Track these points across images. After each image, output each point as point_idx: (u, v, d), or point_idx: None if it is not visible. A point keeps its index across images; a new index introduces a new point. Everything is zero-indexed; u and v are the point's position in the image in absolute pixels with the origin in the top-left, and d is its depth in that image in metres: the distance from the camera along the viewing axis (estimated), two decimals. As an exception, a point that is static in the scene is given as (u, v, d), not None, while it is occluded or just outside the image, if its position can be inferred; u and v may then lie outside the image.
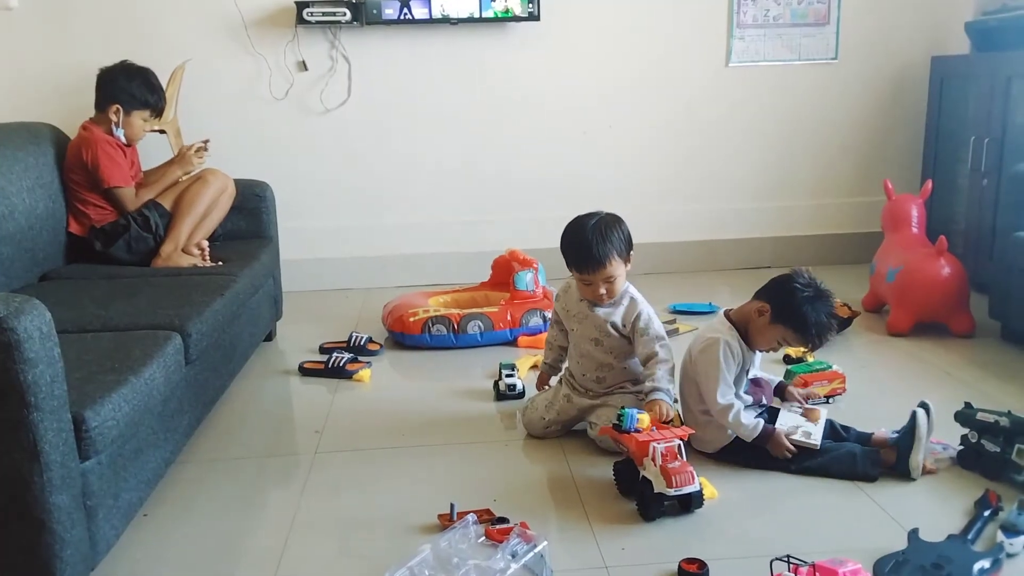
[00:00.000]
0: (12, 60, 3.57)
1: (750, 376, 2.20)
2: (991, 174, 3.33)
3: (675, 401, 2.18)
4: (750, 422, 2.07)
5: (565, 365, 2.41)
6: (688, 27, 3.90)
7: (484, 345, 3.05)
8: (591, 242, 2.13)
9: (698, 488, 1.87)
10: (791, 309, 2.05)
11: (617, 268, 2.16)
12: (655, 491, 1.85)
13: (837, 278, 3.83)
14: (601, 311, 2.23)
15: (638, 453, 1.91)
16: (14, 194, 2.54)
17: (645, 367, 2.19)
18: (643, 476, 1.89)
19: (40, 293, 2.29)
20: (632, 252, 2.21)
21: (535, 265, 3.19)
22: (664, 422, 2.04)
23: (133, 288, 2.48)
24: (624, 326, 2.21)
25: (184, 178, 3.06)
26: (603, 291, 2.18)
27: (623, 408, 2.01)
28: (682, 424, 2.14)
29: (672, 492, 1.84)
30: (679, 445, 1.92)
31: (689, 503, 1.88)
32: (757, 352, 2.19)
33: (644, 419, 1.97)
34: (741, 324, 2.15)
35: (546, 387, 2.43)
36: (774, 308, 2.07)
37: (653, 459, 1.87)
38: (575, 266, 2.19)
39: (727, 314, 2.18)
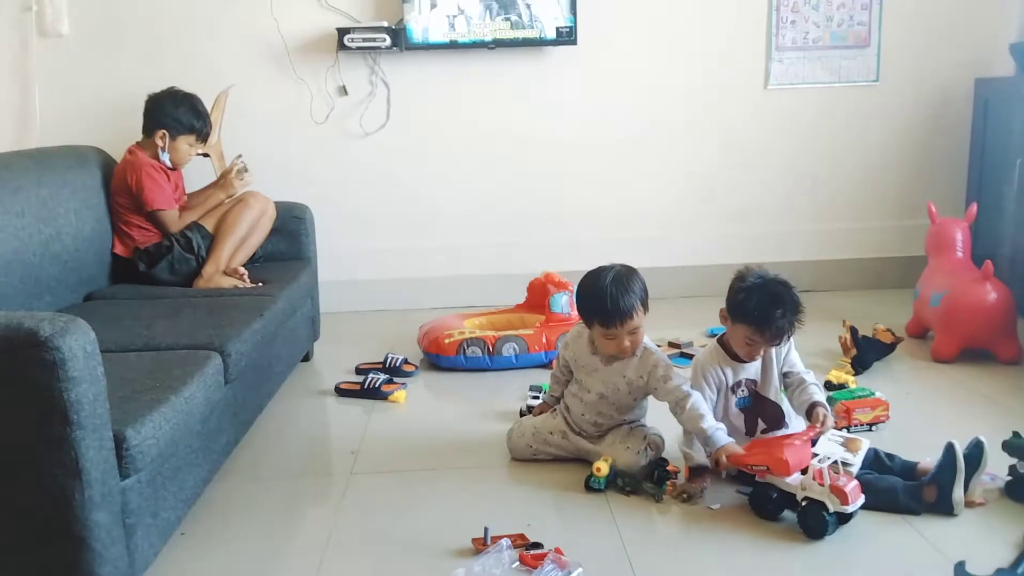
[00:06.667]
0: (63, 85, 3.67)
1: (765, 395, 2.16)
2: (1039, 197, 3.26)
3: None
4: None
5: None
6: (726, 50, 3.88)
7: (519, 367, 3.04)
8: (616, 295, 2.08)
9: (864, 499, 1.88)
10: (737, 303, 2.06)
11: (641, 318, 2.12)
12: (832, 511, 1.84)
13: (879, 303, 3.77)
14: (614, 366, 2.18)
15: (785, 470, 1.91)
16: (61, 216, 2.61)
17: (676, 407, 2.12)
18: (808, 498, 1.86)
19: (85, 313, 2.31)
20: (648, 300, 2.16)
21: (570, 287, 3.17)
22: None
23: (175, 308, 2.53)
24: (640, 377, 2.16)
25: (227, 201, 3.12)
26: (627, 343, 2.13)
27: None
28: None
29: (850, 509, 1.84)
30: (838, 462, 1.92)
31: (850, 516, 1.88)
32: (755, 365, 2.15)
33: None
34: (727, 339, 2.16)
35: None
36: (728, 308, 2.09)
37: (820, 480, 1.85)
38: (599, 322, 2.12)
39: (722, 336, 2.19)
